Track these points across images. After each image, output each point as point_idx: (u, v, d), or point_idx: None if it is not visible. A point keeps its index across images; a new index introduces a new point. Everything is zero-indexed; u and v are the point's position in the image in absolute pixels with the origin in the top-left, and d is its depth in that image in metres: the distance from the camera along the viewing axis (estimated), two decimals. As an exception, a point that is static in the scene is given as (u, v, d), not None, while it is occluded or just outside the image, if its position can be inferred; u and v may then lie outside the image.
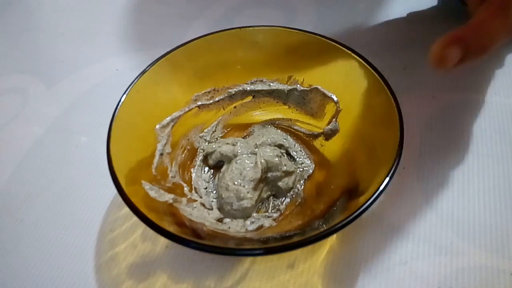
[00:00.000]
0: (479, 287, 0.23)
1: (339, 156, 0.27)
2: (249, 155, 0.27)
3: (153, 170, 0.25)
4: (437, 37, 0.35)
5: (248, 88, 0.30)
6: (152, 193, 0.23)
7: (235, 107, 0.30)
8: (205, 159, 0.29)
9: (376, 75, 0.24)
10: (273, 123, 0.31)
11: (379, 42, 0.36)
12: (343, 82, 0.27)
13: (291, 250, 0.20)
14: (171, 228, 0.20)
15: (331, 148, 0.28)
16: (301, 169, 0.28)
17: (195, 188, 0.27)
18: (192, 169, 0.28)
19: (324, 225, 0.21)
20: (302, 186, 0.27)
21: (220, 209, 0.26)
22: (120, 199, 0.21)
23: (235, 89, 0.30)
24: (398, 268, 0.24)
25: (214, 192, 0.27)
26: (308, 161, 0.29)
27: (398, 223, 0.26)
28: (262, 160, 0.26)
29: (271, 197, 0.27)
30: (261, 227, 0.25)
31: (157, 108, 0.27)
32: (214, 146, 0.28)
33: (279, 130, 0.30)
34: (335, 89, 0.28)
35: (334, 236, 0.25)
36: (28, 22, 0.44)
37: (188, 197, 0.26)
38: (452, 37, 0.25)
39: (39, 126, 0.34)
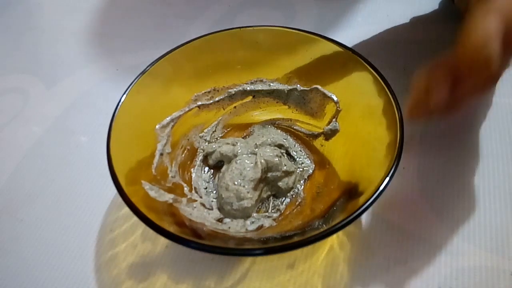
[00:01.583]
0: (479, 287, 0.23)
1: (339, 156, 0.27)
2: (249, 155, 0.27)
3: (153, 170, 0.25)
4: (438, 37, 0.35)
5: (248, 88, 0.30)
6: (152, 193, 0.23)
7: (235, 107, 0.30)
8: (205, 159, 0.29)
9: (376, 75, 0.24)
10: (273, 123, 0.31)
11: (379, 42, 0.36)
12: (343, 82, 0.27)
13: (291, 250, 0.20)
14: (171, 228, 0.20)
15: (331, 148, 0.28)
16: (301, 169, 0.28)
17: (195, 188, 0.27)
18: (192, 169, 0.28)
19: (324, 225, 0.21)
20: (302, 186, 0.27)
21: (220, 209, 0.26)
22: (120, 199, 0.21)
23: (235, 89, 0.30)
24: (398, 268, 0.24)
25: (214, 192, 0.27)
26: (308, 161, 0.29)
27: (398, 223, 0.26)
28: (262, 160, 0.26)
29: (271, 197, 0.27)
30: (261, 227, 0.25)
31: (157, 108, 0.27)
32: (214, 146, 0.28)
33: (279, 130, 0.30)
34: (335, 89, 0.28)
35: (334, 236, 0.25)
36: (28, 22, 0.44)
37: (188, 197, 0.26)
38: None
39: (39, 126, 0.34)
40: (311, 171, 0.28)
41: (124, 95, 0.25)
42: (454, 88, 0.23)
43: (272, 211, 0.26)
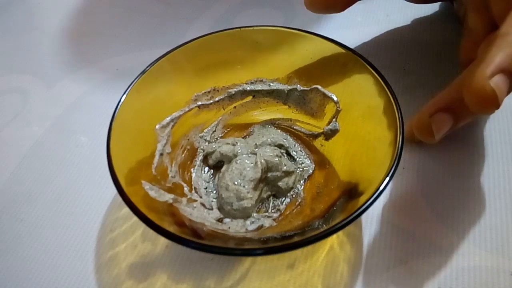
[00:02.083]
0: (479, 287, 0.23)
1: (339, 156, 0.27)
2: (249, 155, 0.27)
3: (153, 170, 0.25)
4: (437, 37, 0.35)
5: (248, 88, 0.30)
6: (152, 193, 0.23)
7: (235, 107, 0.30)
8: (205, 159, 0.29)
9: (376, 75, 0.24)
10: (273, 123, 0.31)
11: (379, 42, 0.36)
12: (343, 82, 0.27)
13: (291, 250, 0.20)
14: (171, 228, 0.20)
15: (331, 148, 0.28)
16: (301, 169, 0.28)
17: (195, 188, 0.27)
18: (192, 169, 0.28)
19: (324, 225, 0.21)
20: (302, 186, 0.27)
21: (220, 209, 0.26)
22: (120, 199, 0.21)
23: (235, 89, 0.30)
24: (398, 268, 0.24)
25: (214, 192, 0.27)
26: (308, 161, 0.29)
27: (398, 223, 0.26)
28: (262, 160, 0.26)
29: (271, 197, 0.27)
30: (261, 227, 0.25)
31: (157, 108, 0.27)
32: (214, 146, 0.28)
33: (279, 130, 0.30)
34: (335, 89, 0.28)
35: (334, 236, 0.25)
36: (28, 22, 0.43)
37: (188, 197, 0.26)
38: (439, 104, 0.23)
39: (39, 126, 0.34)
40: (311, 171, 0.28)
41: (124, 95, 0.25)
42: (453, 125, 0.23)
43: (272, 211, 0.26)
